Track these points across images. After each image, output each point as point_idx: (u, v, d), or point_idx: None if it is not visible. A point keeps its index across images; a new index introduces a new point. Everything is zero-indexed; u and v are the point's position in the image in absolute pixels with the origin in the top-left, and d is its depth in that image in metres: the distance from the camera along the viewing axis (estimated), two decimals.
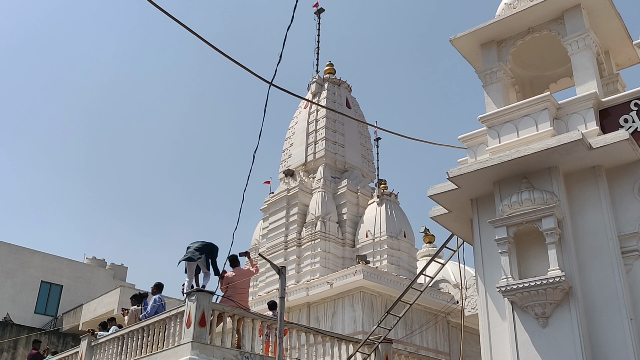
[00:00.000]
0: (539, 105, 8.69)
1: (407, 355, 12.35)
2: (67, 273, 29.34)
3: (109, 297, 25.55)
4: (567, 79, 10.68)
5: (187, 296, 9.65)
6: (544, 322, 7.57)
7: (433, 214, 9.75)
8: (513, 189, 8.31)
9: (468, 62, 10.69)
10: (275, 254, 20.41)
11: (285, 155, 23.30)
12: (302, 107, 23.81)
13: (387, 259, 19.71)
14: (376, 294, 18.08)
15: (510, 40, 10.08)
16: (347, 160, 22.29)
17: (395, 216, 20.73)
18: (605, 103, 8.70)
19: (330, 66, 24.43)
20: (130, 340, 10.63)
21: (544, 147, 7.89)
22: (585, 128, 8.38)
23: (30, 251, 28.89)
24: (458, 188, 8.85)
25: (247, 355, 9.68)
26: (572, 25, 9.44)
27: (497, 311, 8.24)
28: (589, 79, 9.08)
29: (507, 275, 7.83)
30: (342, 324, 17.75)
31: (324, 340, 11.35)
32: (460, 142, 9.94)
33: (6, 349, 21.44)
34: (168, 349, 9.53)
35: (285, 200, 21.17)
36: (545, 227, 7.72)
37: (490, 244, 8.45)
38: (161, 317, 10.15)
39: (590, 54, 9.31)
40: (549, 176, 8.19)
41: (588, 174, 8.22)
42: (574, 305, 7.50)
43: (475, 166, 8.49)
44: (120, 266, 32.05)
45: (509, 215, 8.04)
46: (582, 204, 8.16)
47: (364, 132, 23.71)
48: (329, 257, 19.80)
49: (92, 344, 11.77)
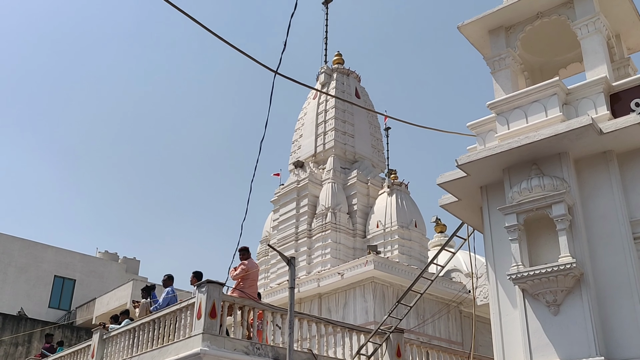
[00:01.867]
0: (548, 90, 8.58)
1: (418, 345, 12.28)
2: (80, 267, 29.55)
3: (121, 290, 25.71)
4: (577, 64, 10.54)
5: (197, 288, 9.66)
6: (556, 310, 7.51)
7: (443, 202, 9.69)
8: (523, 175, 8.23)
9: (476, 48, 10.58)
10: (286, 245, 20.41)
11: (294, 146, 23.24)
12: (311, 98, 23.73)
13: (398, 249, 19.64)
14: (387, 284, 18.04)
15: (519, 25, 9.96)
16: (357, 151, 22.20)
17: (406, 206, 20.65)
18: (615, 87, 8.57)
19: (339, 56, 24.29)
20: (142, 333, 10.66)
21: (554, 132, 7.80)
22: (595, 113, 8.27)
23: (43, 246, 29.12)
24: (467, 176, 8.78)
25: (258, 346, 9.67)
26: (582, 9, 9.31)
27: (508, 299, 8.18)
28: (599, 63, 8.95)
29: (517, 263, 7.77)
30: (354, 314, 17.73)
31: (335, 331, 11.32)
32: (469, 130, 9.86)
33: (21, 342, 21.65)
34: (179, 340, 9.55)
35: (296, 191, 21.14)
36: (556, 214, 7.64)
37: (501, 232, 8.38)
38: (172, 309, 10.17)
39: (601, 37, 9.18)
40: (558, 162, 8.10)
41: (599, 159, 8.12)
42: (585, 292, 7.43)
43: (485, 153, 8.41)
44: (133, 260, 32.23)
45: (518, 202, 7.97)
46: (592, 190, 8.06)
47: (374, 122, 23.59)
48: (340, 248, 19.76)
49: (104, 337, 11.82)
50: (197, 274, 11.11)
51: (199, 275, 11.06)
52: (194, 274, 11.21)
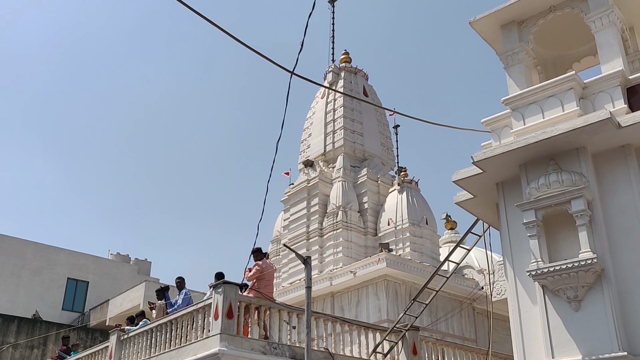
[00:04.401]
0: (564, 85, 8.52)
1: (434, 342, 12.26)
2: (92, 269, 29.69)
3: (134, 291, 25.81)
4: (591, 58, 10.46)
5: (214, 288, 9.67)
6: (577, 306, 7.45)
7: (458, 200, 9.63)
8: (540, 171, 8.18)
9: (488, 44, 10.51)
10: (297, 244, 20.40)
11: (304, 145, 23.23)
12: (319, 97, 23.71)
13: (409, 247, 19.61)
14: (400, 282, 18.01)
15: (532, 19, 9.89)
16: (366, 149, 22.17)
17: (417, 203, 20.61)
18: (632, 80, 8.50)
19: (346, 55, 24.27)
20: (159, 334, 10.69)
21: (571, 127, 7.74)
22: (612, 107, 8.20)
23: (56, 249, 29.26)
24: (483, 172, 8.73)
25: (275, 345, 9.68)
26: (596, 2, 9.24)
27: (528, 296, 8.13)
28: (615, 56, 8.88)
29: (537, 259, 7.72)
30: (367, 312, 17.72)
31: (351, 329, 11.31)
32: (482, 126, 9.81)
33: (36, 345, 21.74)
34: (196, 341, 9.57)
35: (306, 191, 21.13)
36: (575, 209, 7.58)
37: (518, 228, 8.33)
38: (189, 310, 10.19)
39: (615, 30, 9.10)
40: (576, 157, 8.04)
41: (617, 153, 8.05)
42: (606, 288, 7.37)
43: (501, 149, 8.36)
44: (144, 261, 32.35)
45: (537, 198, 7.91)
46: (611, 184, 8.00)
47: (382, 120, 23.56)
48: (352, 247, 19.74)
49: (121, 338, 11.87)
50: (219, 274, 11.11)
51: (221, 277, 11.06)
52: (216, 275, 11.21)
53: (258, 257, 10.91)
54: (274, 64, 7.16)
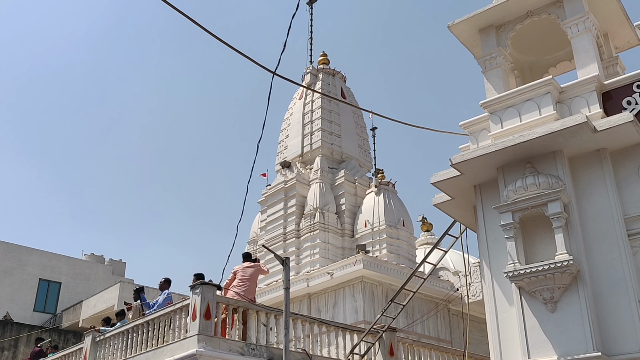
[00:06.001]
0: (541, 89, 8.65)
1: (410, 343, 12.32)
2: (65, 270, 29.26)
3: (108, 292, 25.51)
4: (567, 63, 10.64)
5: (192, 289, 9.61)
6: (553, 307, 7.56)
7: (436, 201, 9.71)
8: (517, 174, 8.29)
9: (467, 48, 10.63)
10: (274, 246, 20.35)
11: (281, 147, 23.21)
12: (297, 99, 23.70)
13: (386, 248, 19.71)
14: (376, 283, 18.08)
15: (510, 24, 10.03)
16: (343, 151, 22.23)
17: (394, 205, 20.73)
18: (607, 86, 8.67)
19: (324, 56, 24.30)
20: (135, 335, 10.58)
21: (549, 130, 7.86)
22: (588, 111, 8.35)
23: (27, 249, 28.78)
24: (461, 175, 8.82)
25: (253, 346, 9.65)
26: (572, 8, 9.40)
27: (505, 297, 8.23)
28: (590, 62, 9.04)
29: (513, 261, 7.82)
30: (344, 314, 17.75)
31: (328, 331, 11.32)
32: (460, 129, 9.91)
33: (7, 347, 21.36)
34: (174, 342, 9.49)
35: (283, 192, 21.12)
36: (552, 212, 7.70)
37: (495, 230, 8.43)
38: (166, 310, 10.11)
39: (591, 36, 9.27)
40: (553, 160, 8.17)
41: (592, 157, 8.20)
42: (582, 289, 7.50)
43: (479, 152, 8.46)
44: (119, 262, 31.98)
45: (514, 201, 8.02)
46: (587, 188, 8.14)
47: (360, 122, 23.66)
48: (329, 248, 19.78)
49: (96, 340, 11.71)
50: (199, 275, 11.06)
51: (201, 277, 11.01)
52: (195, 275, 11.15)
53: (244, 262, 11.02)
54: (255, 63, 7.15)
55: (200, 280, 10.32)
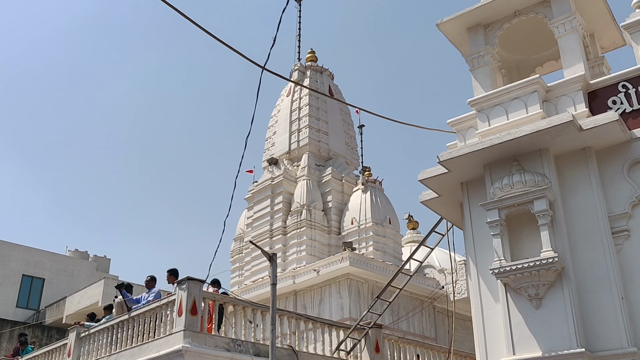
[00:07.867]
0: (528, 87, 8.72)
1: (396, 340, 12.39)
2: (49, 266, 28.98)
3: (92, 289, 25.31)
4: (553, 62, 10.72)
5: (178, 285, 9.58)
6: (538, 303, 7.63)
7: (423, 198, 9.75)
8: (504, 171, 8.34)
9: (455, 46, 10.67)
10: (260, 242, 20.32)
11: (268, 143, 23.19)
12: (284, 95, 23.68)
13: (372, 246, 19.77)
14: (362, 281, 18.14)
15: (497, 23, 10.09)
16: (331, 148, 22.26)
17: (380, 203, 20.79)
18: (593, 85, 8.76)
19: (312, 54, 24.29)
20: (121, 331, 10.53)
21: (535, 129, 7.92)
22: (574, 110, 8.44)
23: (10, 245, 28.46)
24: (448, 172, 8.87)
25: (239, 343, 9.64)
26: (559, 8, 9.47)
27: (490, 294, 8.29)
28: (577, 61, 9.11)
29: (499, 257, 7.88)
30: (330, 310, 17.79)
31: (315, 327, 11.35)
32: (447, 126, 9.96)
33: None
34: (160, 338, 9.46)
35: (270, 189, 21.10)
36: (537, 209, 7.77)
37: (481, 227, 8.49)
38: (152, 306, 10.07)
39: (577, 36, 9.35)
40: (539, 158, 8.24)
41: (578, 155, 8.28)
42: (566, 286, 7.57)
43: (466, 149, 8.50)
44: (103, 258, 31.73)
45: (500, 198, 8.08)
46: (572, 186, 8.22)
47: (347, 120, 23.69)
48: (315, 245, 19.80)
49: (81, 335, 11.63)
50: (173, 271, 11.00)
51: (175, 273, 10.95)
52: (169, 272, 11.09)
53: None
54: (245, 58, 7.13)
55: (175, 276, 10.34)
